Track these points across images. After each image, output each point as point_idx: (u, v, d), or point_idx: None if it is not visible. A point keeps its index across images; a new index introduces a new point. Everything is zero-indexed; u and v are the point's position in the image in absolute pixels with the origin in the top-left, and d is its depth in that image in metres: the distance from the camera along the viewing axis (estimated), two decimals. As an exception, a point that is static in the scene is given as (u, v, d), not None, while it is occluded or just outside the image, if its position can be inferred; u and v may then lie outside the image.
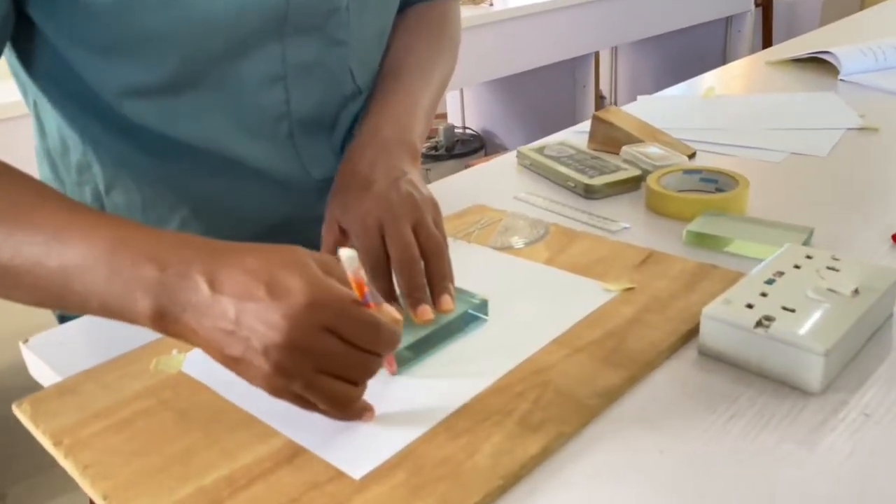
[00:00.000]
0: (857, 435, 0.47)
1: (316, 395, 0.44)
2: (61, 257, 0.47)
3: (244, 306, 0.42)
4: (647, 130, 0.97)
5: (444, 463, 0.45)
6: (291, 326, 0.42)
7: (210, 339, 0.44)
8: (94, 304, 0.47)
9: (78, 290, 0.47)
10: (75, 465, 0.47)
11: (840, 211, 0.78)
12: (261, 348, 0.42)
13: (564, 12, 2.41)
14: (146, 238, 0.47)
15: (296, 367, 0.43)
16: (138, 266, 0.45)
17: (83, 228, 0.48)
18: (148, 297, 0.45)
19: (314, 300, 0.42)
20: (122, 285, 0.45)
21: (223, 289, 0.43)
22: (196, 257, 0.45)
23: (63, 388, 0.55)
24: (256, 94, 0.67)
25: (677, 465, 0.45)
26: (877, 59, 1.26)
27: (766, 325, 0.52)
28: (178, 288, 0.44)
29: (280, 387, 0.44)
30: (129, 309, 0.46)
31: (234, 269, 0.44)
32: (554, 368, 0.53)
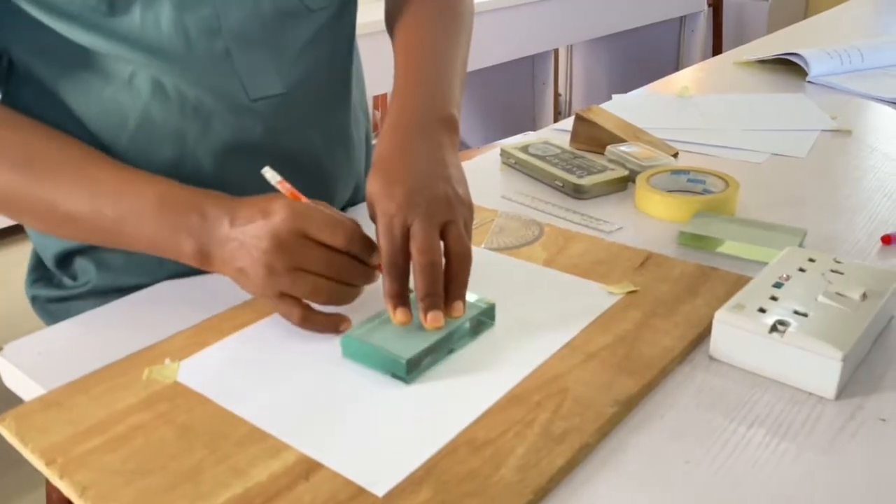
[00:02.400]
0: (876, 441, 0.47)
1: (299, 287, 0.55)
2: (118, 207, 0.59)
3: (246, 228, 0.55)
4: (630, 130, 0.97)
5: (470, 478, 0.43)
6: (273, 234, 0.54)
7: (228, 259, 0.56)
8: (144, 244, 0.60)
9: (131, 234, 0.59)
10: (73, 486, 0.43)
11: (826, 212, 0.79)
12: (256, 255, 0.54)
13: (523, 9, 2.41)
14: (188, 194, 0.59)
15: (281, 265, 0.54)
16: (184, 215, 0.58)
17: (135, 183, 0.60)
18: (192, 239, 0.57)
19: (288, 214, 0.54)
20: (170, 230, 0.58)
21: (236, 222, 0.56)
22: (225, 206, 0.57)
23: (48, 401, 0.51)
24: (181, 8, 0.63)
25: (705, 476, 0.45)
26: (842, 61, 1.28)
27: (782, 331, 0.51)
28: (212, 228, 0.57)
29: (269, 283, 0.55)
30: (174, 248, 0.58)
31: (243, 208, 0.56)
32: (569, 375, 0.52)
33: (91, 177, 0.60)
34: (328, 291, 0.55)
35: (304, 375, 0.53)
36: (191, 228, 0.57)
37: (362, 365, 0.54)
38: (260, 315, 0.60)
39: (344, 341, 0.55)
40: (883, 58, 1.31)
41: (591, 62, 3.57)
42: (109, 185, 0.60)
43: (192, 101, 0.65)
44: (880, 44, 1.36)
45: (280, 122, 0.70)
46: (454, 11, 0.76)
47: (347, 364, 0.54)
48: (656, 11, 3.02)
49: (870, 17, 1.96)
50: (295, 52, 0.70)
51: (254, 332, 0.58)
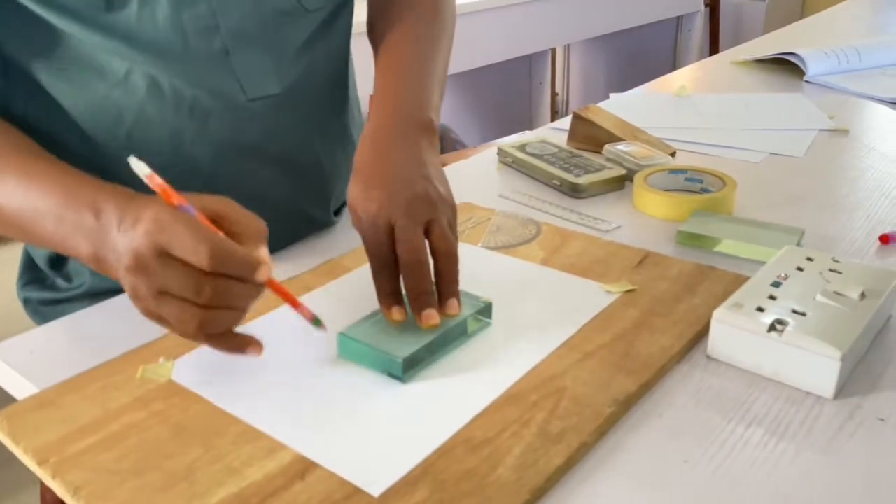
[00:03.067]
0: (875, 441, 0.47)
1: (166, 313, 0.48)
2: (24, 202, 0.55)
3: (122, 237, 0.49)
4: (628, 129, 0.96)
5: (468, 477, 0.43)
6: (133, 251, 0.47)
7: (116, 272, 0.50)
8: (49, 244, 0.56)
9: (37, 231, 0.55)
10: (65, 486, 0.43)
11: (824, 211, 0.79)
12: (121, 273, 0.49)
13: (521, 8, 2.40)
14: (90, 189, 0.53)
15: (143, 288, 0.48)
16: (81, 213, 0.52)
17: (42, 179, 0.56)
18: (87, 242, 0.52)
19: (150, 227, 0.47)
20: (67, 231, 0.53)
21: (120, 227, 0.50)
22: (118, 206, 0.51)
23: (41, 400, 0.51)
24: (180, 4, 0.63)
25: (703, 475, 0.44)
26: (839, 61, 1.28)
27: (780, 330, 0.51)
28: (103, 231, 0.51)
29: (140, 307, 0.49)
30: (74, 250, 0.53)
31: (129, 210, 0.50)
32: (567, 375, 0.51)
33: (8, 167, 0.57)
34: (199, 320, 0.47)
35: (299, 374, 0.53)
36: (86, 229, 0.52)
37: (359, 364, 0.53)
38: (254, 314, 0.60)
39: (341, 340, 0.54)
40: (880, 57, 1.31)
41: (589, 61, 3.57)
42: (18, 176, 0.56)
43: (189, 100, 0.65)
44: (878, 43, 1.36)
45: (278, 122, 0.70)
46: (435, 19, 0.76)
47: (343, 363, 0.54)
48: (653, 11, 3.02)
49: (867, 17, 1.96)
50: (292, 52, 0.70)
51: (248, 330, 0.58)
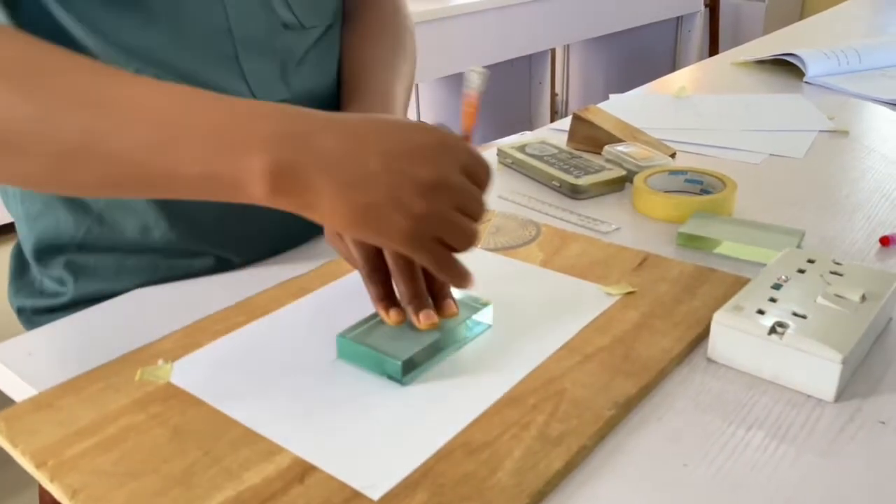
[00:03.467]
0: (876, 444, 0.47)
1: (455, 233, 0.47)
2: (155, 119, 0.44)
3: (388, 148, 0.44)
4: (628, 130, 0.96)
5: (466, 481, 0.42)
6: (439, 164, 0.45)
7: (346, 191, 0.44)
8: (193, 171, 0.44)
9: (175, 155, 0.44)
10: (63, 489, 0.43)
11: (824, 212, 0.79)
12: (412, 189, 0.44)
13: (520, 8, 2.40)
14: (251, 103, 0.46)
15: (442, 204, 0.46)
16: (256, 121, 0.44)
17: (177, 92, 0.46)
18: (268, 153, 0.43)
19: (450, 142, 0.47)
20: (235, 142, 0.43)
21: (359, 137, 0.44)
22: (321, 115, 0.45)
23: (39, 402, 0.51)
24: (195, 5, 0.63)
25: (703, 478, 0.44)
26: (839, 62, 1.28)
27: (781, 333, 0.51)
28: (305, 142, 0.43)
29: (423, 227, 0.46)
30: (242, 169, 0.43)
31: (365, 121, 0.46)
32: (566, 377, 0.51)
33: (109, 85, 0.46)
34: (476, 235, 0.49)
35: (298, 377, 0.53)
36: (264, 137, 0.43)
37: (357, 367, 0.53)
38: (252, 316, 0.60)
39: (339, 342, 0.54)
40: (880, 58, 1.31)
41: (588, 62, 3.57)
42: (140, 92, 0.46)
43: None
44: (878, 44, 1.36)
45: None
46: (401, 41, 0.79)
47: (342, 365, 0.54)
48: (653, 11, 3.02)
49: (867, 18, 1.96)
50: (296, 61, 0.71)
51: (247, 333, 0.58)
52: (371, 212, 0.44)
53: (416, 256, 0.48)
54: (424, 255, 0.48)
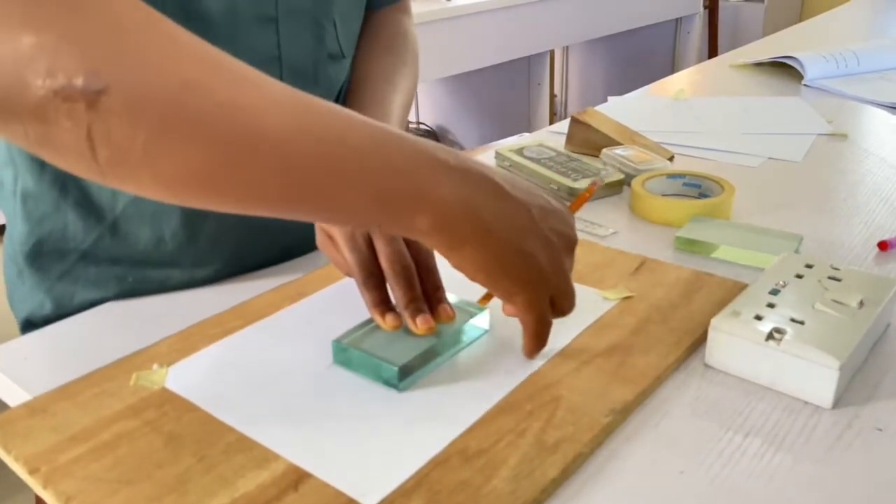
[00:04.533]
0: (874, 451, 0.46)
1: (569, 294, 0.52)
2: (370, 126, 0.42)
3: (544, 209, 0.48)
4: (626, 133, 0.96)
5: (462, 488, 0.42)
6: (574, 232, 0.51)
7: (507, 235, 0.46)
8: (372, 186, 0.41)
9: (379, 162, 0.41)
10: (56, 495, 0.43)
11: (822, 217, 0.78)
12: (562, 246, 0.49)
13: (520, 10, 2.40)
14: (423, 149, 0.44)
15: (570, 266, 0.51)
16: (440, 154, 0.44)
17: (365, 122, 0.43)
18: (453, 182, 0.43)
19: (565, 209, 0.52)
20: (424, 164, 0.43)
21: (519, 194, 0.47)
22: (477, 172, 0.46)
23: (33, 407, 0.50)
24: (249, 32, 0.64)
25: (700, 486, 0.44)
26: (838, 65, 1.28)
27: (778, 339, 0.51)
28: (481, 183, 0.45)
29: (556, 282, 0.50)
30: (422, 190, 0.42)
31: (516, 181, 0.48)
32: (563, 383, 0.51)
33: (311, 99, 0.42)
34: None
35: (293, 382, 0.52)
36: (450, 170, 0.43)
37: (353, 372, 0.53)
38: (248, 321, 0.59)
39: (335, 347, 0.54)
40: (879, 61, 1.31)
41: (587, 63, 3.57)
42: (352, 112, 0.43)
43: None
44: (877, 47, 1.36)
45: None
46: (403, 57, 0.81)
47: (338, 371, 0.53)
48: (652, 13, 3.02)
49: (866, 20, 1.96)
50: (335, 92, 0.73)
51: (242, 338, 0.58)
52: (524, 262, 0.47)
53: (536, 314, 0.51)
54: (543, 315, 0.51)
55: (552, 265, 0.49)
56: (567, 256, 0.51)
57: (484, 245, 0.45)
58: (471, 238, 0.45)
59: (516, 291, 0.49)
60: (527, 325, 0.52)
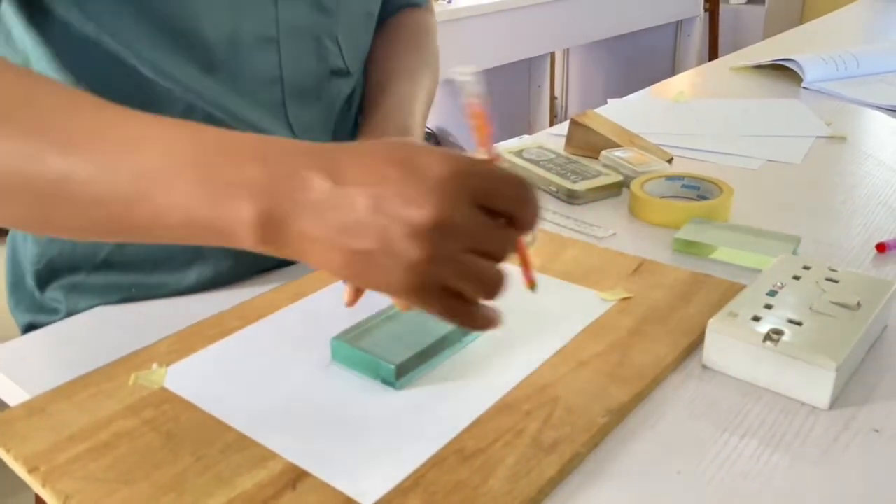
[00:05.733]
0: (870, 452, 0.47)
1: (467, 281, 0.40)
2: (133, 165, 0.40)
3: (379, 190, 0.38)
4: (625, 135, 0.96)
5: (459, 488, 0.42)
6: (440, 200, 0.37)
7: (334, 240, 0.38)
8: (174, 219, 0.40)
9: (155, 202, 0.40)
10: (55, 494, 0.43)
11: (820, 219, 0.79)
12: (406, 232, 0.38)
13: (520, 12, 2.40)
14: (243, 138, 0.41)
15: (447, 248, 0.38)
16: (239, 166, 0.39)
17: (159, 128, 0.42)
18: (253, 202, 0.39)
19: (458, 169, 0.38)
20: (217, 189, 0.39)
21: (347, 178, 0.38)
22: (306, 155, 0.40)
23: (32, 407, 0.50)
24: (250, 55, 0.64)
25: (696, 487, 0.44)
26: (837, 67, 1.28)
27: (775, 340, 0.51)
28: (290, 188, 0.39)
29: (428, 278, 0.39)
30: (226, 218, 0.39)
31: (355, 157, 0.40)
32: (560, 384, 0.51)
33: (94, 127, 0.42)
34: (502, 280, 0.41)
35: (291, 382, 0.53)
36: (248, 184, 0.39)
37: (352, 370, 0.53)
38: (247, 321, 0.59)
39: (334, 345, 0.54)
40: (879, 64, 1.31)
41: (588, 65, 3.57)
42: (121, 135, 0.42)
43: None
44: (876, 50, 1.36)
45: None
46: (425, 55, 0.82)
47: (336, 370, 0.54)
48: (653, 16, 3.02)
49: (866, 23, 1.96)
50: (339, 107, 0.73)
51: (241, 338, 0.58)
52: (365, 261, 0.39)
53: (425, 309, 0.41)
54: (433, 308, 0.41)
55: (394, 259, 0.38)
56: (413, 240, 0.38)
57: (312, 252, 0.40)
58: (296, 247, 0.40)
59: (380, 291, 0.41)
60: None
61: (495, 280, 0.41)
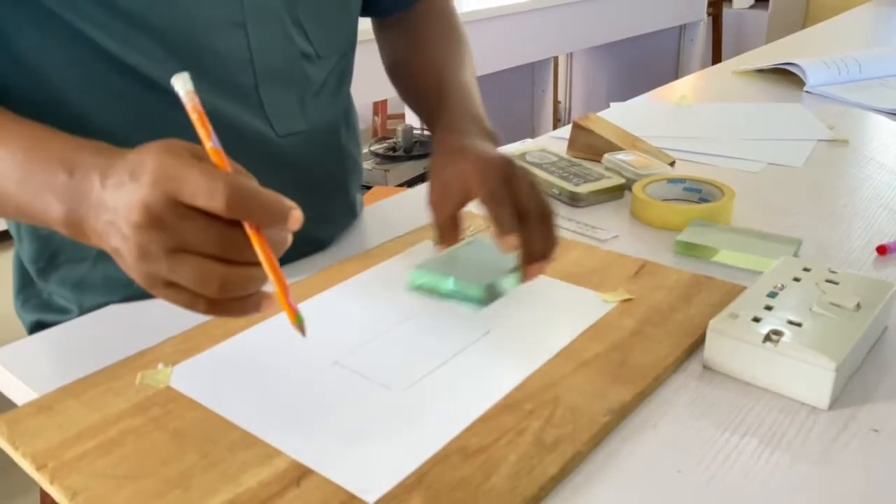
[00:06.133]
0: (869, 452, 0.47)
1: (183, 274, 0.42)
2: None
3: (114, 194, 0.43)
4: (627, 139, 0.97)
5: (461, 486, 0.43)
6: (143, 202, 0.41)
7: (101, 233, 0.45)
8: (11, 208, 0.51)
9: (2, 199, 0.51)
10: (63, 491, 0.43)
11: (821, 221, 0.79)
12: (125, 231, 0.42)
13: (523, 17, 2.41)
14: (62, 144, 0.49)
15: (155, 245, 0.42)
16: (49, 171, 0.48)
17: (4, 137, 0.51)
18: (58, 202, 0.47)
19: (158, 175, 0.41)
20: (35, 189, 0.48)
21: (106, 182, 0.44)
22: (99, 159, 0.46)
23: (40, 405, 0.51)
24: (220, 39, 0.65)
25: (696, 485, 0.44)
26: (840, 72, 1.29)
27: (775, 340, 0.51)
28: (81, 190, 0.46)
29: (146, 271, 0.43)
30: (42, 213, 0.48)
31: (118, 164, 0.45)
32: (562, 383, 0.52)
33: None
34: (222, 278, 0.42)
35: (296, 381, 0.53)
36: (56, 187, 0.47)
37: (430, 296, 0.61)
38: (252, 321, 0.60)
39: (415, 274, 0.62)
40: (881, 68, 1.32)
41: (591, 69, 3.58)
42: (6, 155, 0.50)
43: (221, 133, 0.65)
44: (879, 54, 1.36)
45: (304, 156, 0.73)
46: (459, 45, 0.84)
47: (339, 370, 0.54)
48: (656, 20, 3.03)
49: (869, 27, 1.97)
50: (313, 91, 0.74)
51: (246, 338, 0.58)
52: (119, 256, 0.44)
53: (161, 297, 0.45)
54: (163, 297, 0.44)
55: (125, 256, 0.43)
56: (128, 240, 0.42)
57: (103, 245, 0.46)
58: (95, 241, 0.47)
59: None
60: None
61: (218, 277, 0.42)
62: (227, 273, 0.42)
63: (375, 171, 2.78)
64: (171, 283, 0.43)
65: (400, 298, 0.62)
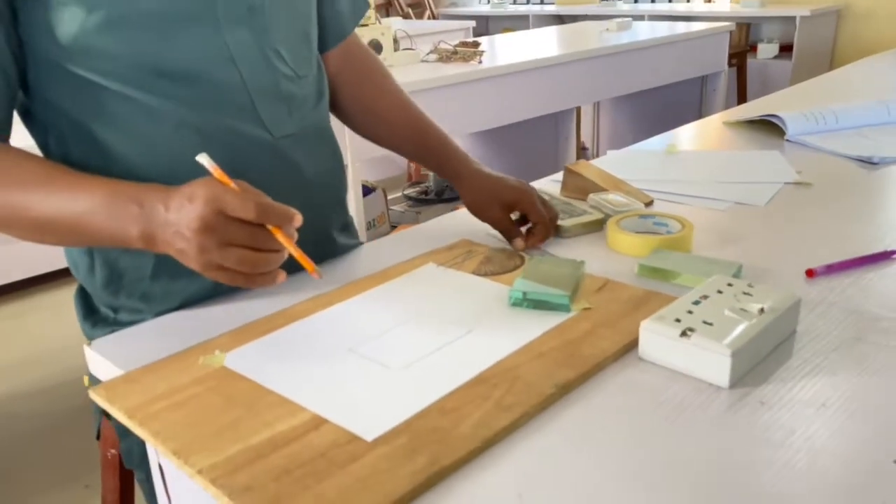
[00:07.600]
0: (753, 417, 0.61)
1: (229, 259, 0.68)
2: (75, 207, 0.73)
3: (177, 214, 0.69)
4: (611, 181, 1.12)
5: (436, 431, 0.58)
6: (200, 217, 0.67)
7: (169, 241, 0.70)
8: (105, 238, 0.74)
9: (90, 230, 0.74)
10: (148, 431, 0.60)
11: (768, 251, 0.93)
12: (189, 236, 0.68)
13: (548, 70, 2.59)
14: (128, 187, 0.73)
15: (210, 243, 0.67)
16: (127, 206, 0.72)
17: (87, 185, 0.74)
18: (136, 226, 0.71)
19: (208, 197, 0.67)
20: (118, 222, 0.72)
21: (170, 208, 0.69)
22: (159, 196, 0.71)
23: (128, 378, 0.68)
24: (218, 72, 0.83)
25: (618, 440, 0.59)
26: (817, 122, 1.43)
27: (689, 335, 0.66)
28: (151, 215, 0.71)
29: (204, 261, 0.69)
30: (124, 235, 0.72)
31: (175, 196, 0.70)
32: (522, 367, 0.67)
33: (51, 183, 0.74)
34: (253, 260, 0.69)
35: (319, 362, 0.69)
36: (134, 217, 0.71)
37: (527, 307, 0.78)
38: (289, 321, 0.77)
39: (519, 283, 0.79)
40: (856, 119, 1.46)
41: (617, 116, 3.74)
42: (66, 189, 0.74)
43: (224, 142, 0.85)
44: (854, 107, 1.50)
45: (295, 152, 0.92)
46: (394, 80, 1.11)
47: (352, 355, 0.70)
48: (678, 71, 3.18)
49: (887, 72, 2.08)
50: (298, 103, 0.93)
51: (282, 333, 0.75)
52: (183, 254, 0.70)
53: (216, 279, 0.71)
54: (218, 278, 0.70)
55: (190, 253, 0.69)
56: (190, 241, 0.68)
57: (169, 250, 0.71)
58: (163, 248, 0.71)
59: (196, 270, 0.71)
60: None
61: (252, 260, 0.69)
62: (258, 257, 0.69)
63: (408, 213, 2.97)
64: (221, 266, 0.69)
65: (402, 307, 0.78)
